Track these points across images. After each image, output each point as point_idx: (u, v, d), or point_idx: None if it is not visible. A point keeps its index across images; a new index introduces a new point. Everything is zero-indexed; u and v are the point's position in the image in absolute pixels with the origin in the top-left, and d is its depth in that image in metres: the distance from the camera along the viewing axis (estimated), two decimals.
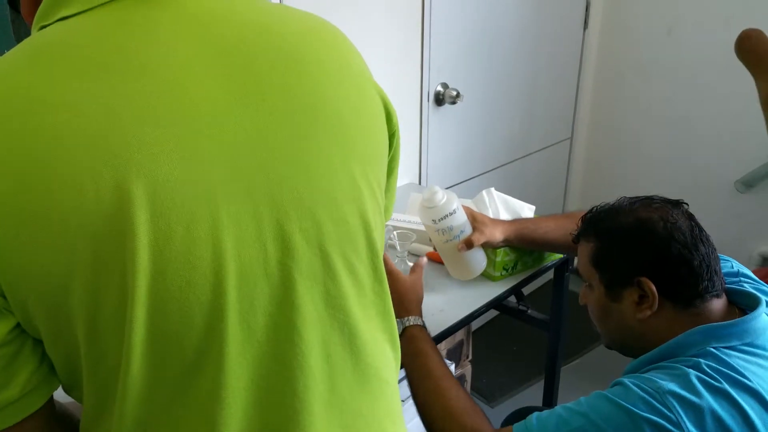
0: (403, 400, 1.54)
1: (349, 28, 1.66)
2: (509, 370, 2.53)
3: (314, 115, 0.58)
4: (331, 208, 0.59)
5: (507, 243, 1.35)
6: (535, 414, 0.90)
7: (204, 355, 0.54)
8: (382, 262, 0.68)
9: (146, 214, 0.49)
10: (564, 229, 1.26)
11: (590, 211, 1.08)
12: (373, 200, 0.65)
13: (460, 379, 2.00)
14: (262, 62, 0.56)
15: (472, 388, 2.25)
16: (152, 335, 0.52)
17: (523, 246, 1.40)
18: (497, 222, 1.35)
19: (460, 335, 1.94)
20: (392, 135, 0.71)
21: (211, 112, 0.52)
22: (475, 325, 2.70)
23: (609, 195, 1.15)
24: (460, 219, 1.27)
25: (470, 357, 2.02)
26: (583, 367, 2.45)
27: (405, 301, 1.14)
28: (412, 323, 1.11)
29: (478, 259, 1.34)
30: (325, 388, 0.62)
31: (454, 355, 1.95)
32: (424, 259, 1.25)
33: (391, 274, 1.16)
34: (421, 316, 1.14)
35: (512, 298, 1.81)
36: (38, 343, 0.54)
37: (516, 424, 0.89)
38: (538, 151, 2.66)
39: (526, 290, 2.60)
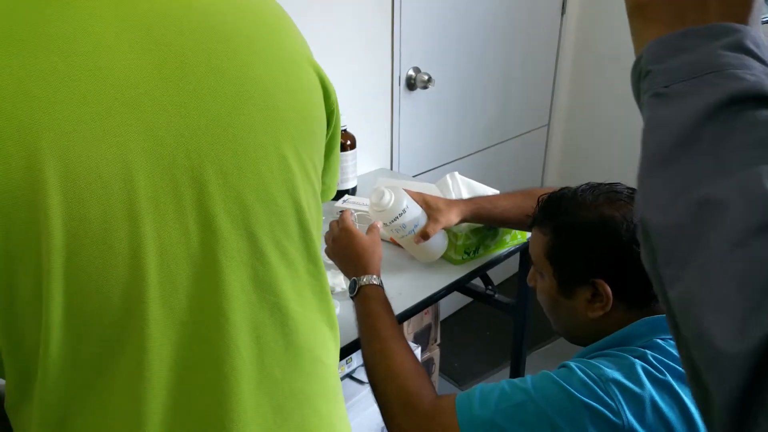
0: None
1: (317, 10, 1.65)
2: (481, 355, 2.55)
3: (242, 95, 0.57)
4: (259, 188, 0.59)
5: (464, 221, 1.34)
6: (480, 386, 0.89)
7: (124, 335, 0.54)
8: (317, 244, 0.68)
9: (59, 194, 0.48)
10: (521, 208, 1.25)
11: (549, 197, 1.02)
12: (306, 181, 0.65)
13: (428, 362, 2.01)
14: (185, 40, 0.55)
15: (443, 371, 2.27)
16: (70, 316, 0.52)
17: (479, 224, 1.39)
18: (452, 204, 1.32)
19: (428, 319, 1.96)
20: (330, 113, 0.70)
21: (128, 89, 0.51)
22: (450, 310, 2.72)
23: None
24: (412, 214, 1.26)
25: (438, 341, 2.03)
26: (552, 353, 2.47)
27: (362, 260, 1.12)
28: (366, 282, 1.08)
29: (438, 242, 1.34)
30: (255, 369, 0.62)
31: (422, 338, 1.96)
32: (380, 223, 1.23)
33: (348, 231, 1.16)
34: (378, 274, 1.11)
35: (480, 283, 1.82)
36: None
37: (459, 394, 0.88)
38: (515, 137, 2.66)
39: (499, 278, 2.62)
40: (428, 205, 1.30)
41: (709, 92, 0.38)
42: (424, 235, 1.27)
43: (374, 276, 1.10)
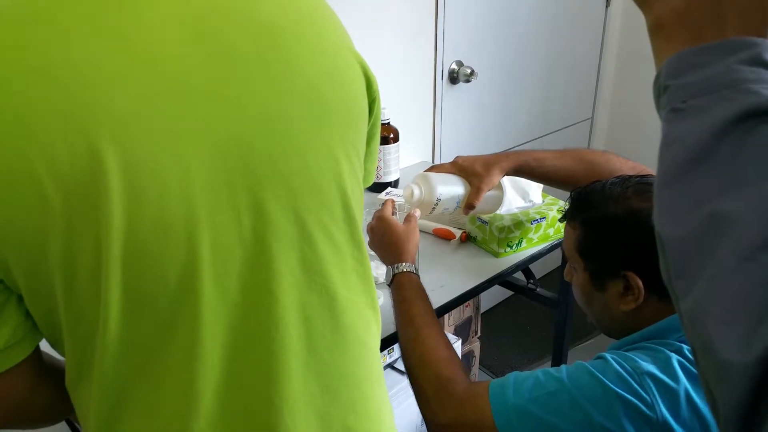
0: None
1: (362, 5, 1.67)
2: (521, 349, 2.55)
3: (289, 85, 0.59)
4: (306, 175, 0.61)
5: (506, 176, 1.30)
6: (514, 373, 0.89)
7: (179, 315, 0.56)
8: (360, 228, 0.70)
9: (119, 179, 0.50)
10: (568, 171, 1.22)
11: (578, 192, 1.02)
12: (350, 168, 0.66)
13: (469, 355, 2.02)
14: (235, 31, 0.56)
15: (483, 364, 2.27)
16: (127, 296, 0.53)
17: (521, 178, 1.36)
18: (491, 162, 1.26)
19: (468, 312, 1.96)
20: (372, 101, 0.71)
21: (181, 80, 0.53)
22: (491, 303, 2.72)
23: None
24: (449, 194, 1.23)
25: (479, 334, 2.04)
26: (594, 348, 2.45)
27: (397, 247, 1.12)
28: (401, 270, 1.09)
29: (490, 200, 1.29)
30: (303, 349, 0.64)
31: (463, 331, 1.97)
32: (418, 212, 1.22)
33: (383, 220, 1.16)
34: (413, 261, 1.12)
35: (521, 276, 1.81)
36: (22, 298, 0.56)
37: (493, 381, 0.89)
38: (557, 131, 2.64)
39: (540, 271, 2.60)
40: (466, 172, 1.26)
41: (725, 107, 0.38)
42: (470, 206, 1.24)
43: (408, 263, 1.10)
